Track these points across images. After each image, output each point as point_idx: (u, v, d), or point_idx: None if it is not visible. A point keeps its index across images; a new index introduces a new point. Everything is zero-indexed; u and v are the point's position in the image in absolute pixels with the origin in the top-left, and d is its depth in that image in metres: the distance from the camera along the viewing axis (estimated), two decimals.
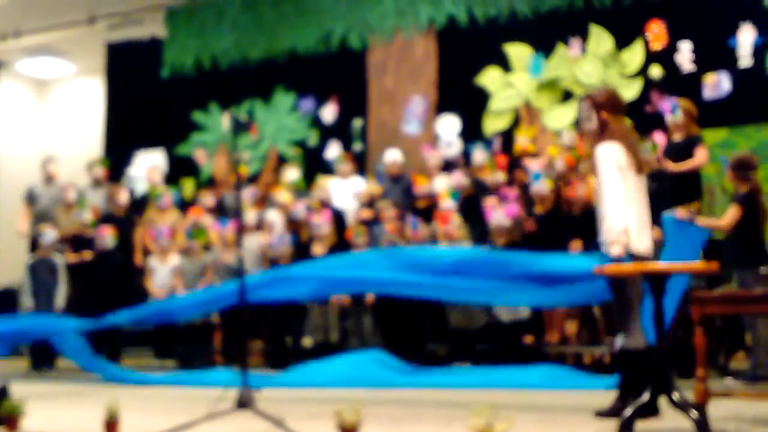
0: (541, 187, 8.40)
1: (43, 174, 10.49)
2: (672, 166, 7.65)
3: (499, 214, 8.31)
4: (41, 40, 12.90)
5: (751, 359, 6.66)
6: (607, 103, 4.86)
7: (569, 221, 8.17)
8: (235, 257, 9.01)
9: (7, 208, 12.29)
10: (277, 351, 9.06)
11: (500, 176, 8.98)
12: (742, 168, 6.71)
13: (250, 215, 9.51)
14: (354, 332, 8.77)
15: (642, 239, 4.68)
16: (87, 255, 9.77)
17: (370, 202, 9.60)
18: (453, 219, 8.59)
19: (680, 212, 5.81)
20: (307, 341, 8.84)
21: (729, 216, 6.55)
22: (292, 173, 10.41)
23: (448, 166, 9.73)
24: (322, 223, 9.13)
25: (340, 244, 9.15)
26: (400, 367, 7.46)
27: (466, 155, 9.80)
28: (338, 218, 9.55)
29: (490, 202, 8.58)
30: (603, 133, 4.80)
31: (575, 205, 8.21)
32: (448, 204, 8.83)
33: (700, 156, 7.75)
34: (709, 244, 7.77)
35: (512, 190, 8.71)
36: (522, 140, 9.55)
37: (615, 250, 4.57)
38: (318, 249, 9.07)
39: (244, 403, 4.41)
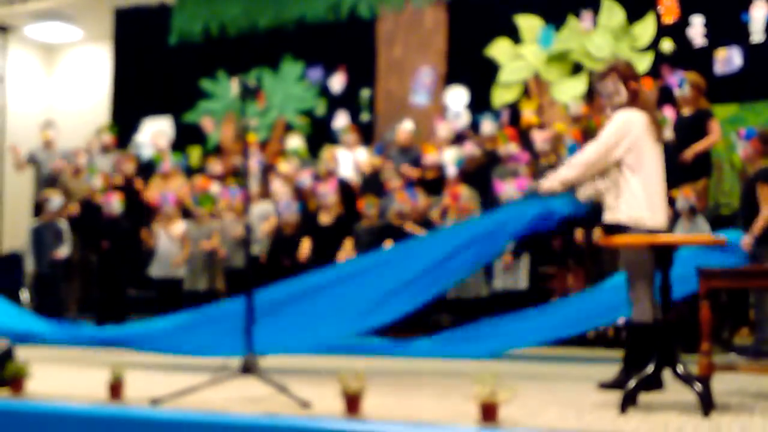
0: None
1: (42, 139, 10.52)
2: (689, 153, 7.58)
3: (509, 186, 8.29)
4: (49, 5, 12.84)
5: (755, 335, 6.65)
6: (632, 73, 4.82)
7: None
8: (242, 226, 9.02)
9: (14, 174, 12.30)
10: None
11: (513, 147, 8.94)
12: None
13: (255, 184, 9.51)
14: None
15: (655, 213, 4.66)
16: (105, 245, 9.74)
17: (374, 173, 9.59)
18: (463, 193, 8.58)
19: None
20: None
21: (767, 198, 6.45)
22: (294, 141, 10.40)
23: (457, 138, 9.70)
24: (328, 192, 9.13)
25: (348, 213, 9.15)
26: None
27: (475, 126, 9.78)
28: (346, 188, 9.54)
29: (499, 174, 8.59)
30: (633, 102, 4.75)
31: None
32: (451, 171, 8.84)
33: (715, 132, 7.71)
34: (719, 219, 7.79)
35: (524, 154, 8.69)
36: (526, 113, 9.53)
37: (545, 184, 4.83)
38: (324, 218, 9.08)
39: (248, 369, 4.42)
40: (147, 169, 10.62)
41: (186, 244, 9.41)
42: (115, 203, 9.66)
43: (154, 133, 11.05)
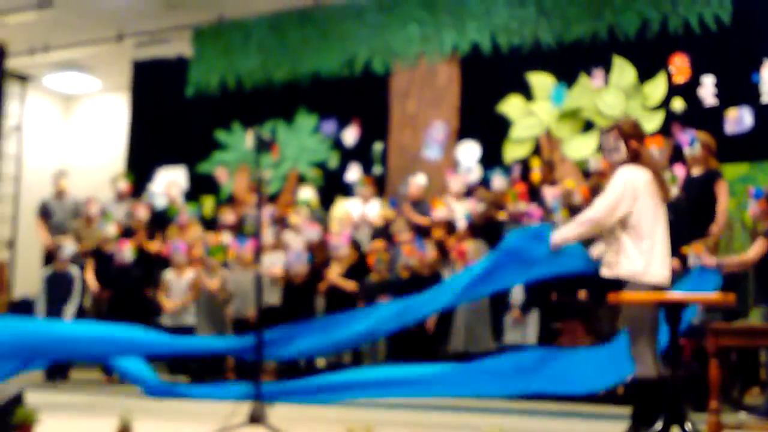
0: (558, 218, 8.45)
1: (54, 188, 10.60)
2: (717, 228, 7.62)
3: None
4: (69, 56, 13.07)
5: (766, 394, 6.60)
6: (635, 133, 4.89)
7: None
8: (253, 276, 9.05)
9: (30, 221, 12.40)
10: (289, 370, 9.06)
11: (522, 206, 9.00)
12: None
13: (268, 235, 9.55)
14: (367, 353, 8.78)
15: (659, 269, 4.69)
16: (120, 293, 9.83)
17: (385, 225, 9.65)
18: (469, 248, 8.61)
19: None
20: (321, 361, 8.85)
21: (755, 250, 6.47)
22: (306, 192, 10.46)
23: (468, 193, 9.76)
24: (341, 245, 9.17)
25: (358, 266, 9.18)
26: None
27: (486, 182, 9.84)
28: (355, 240, 9.59)
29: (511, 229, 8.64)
30: (634, 161, 4.82)
31: None
32: (461, 224, 8.94)
33: (724, 194, 7.74)
34: (726, 278, 7.77)
35: (537, 210, 8.74)
36: (534, 170, 9.64)
37: (554, 239, 4.87)
38: (336, 270, 9.11)
39: (256, 418, 4.43)
40: (161, 218, 10.69)
41: (195, 291, 9.44)
42: (126, 251, 9.71)
43: (167, 183, 11.15)
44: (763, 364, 6.94)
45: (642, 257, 4.65)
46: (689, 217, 7.55)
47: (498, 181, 9.52)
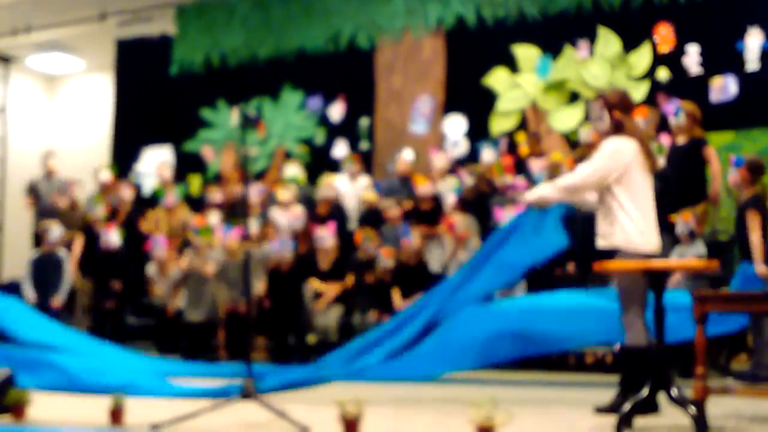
0: None
1: (43, 169, 10.56)
2: (714, 193, 7.74)
3: (509, 214, 8.35)
4: (51, 36, 12.95)
5: (752, 359, 6.68)
6: (619, 104, 4.90)
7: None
8: (240, 263, 9.02)
9: (15, 203, 12.37)
10: (280, 347, 9.09)
11: (508, 179, 9.04)
12: (756, 171, 6.75)
13: (254, 221, 9.49)
14: (357, 331, 8.80)
15: (648, 238, 4.72)
16: (117, 285, 9.79)
17: (371, 209, 9.66)
18: (458, 221, 8.63)
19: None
20: (312, 338, 8.89)
21: (755, 225, 6.55)
22: (292, 169, 10.44)
23: (453, 169, 9.76)
24: (326, 236, 9.13)
25: (344, 253, 9.24)
26: None
27: (474, 155, 9.85)
28: (342, 221, 9.62)
29: (498, 201, 8.69)
30: (618, 132, 4.84)
31: None
32: (450, 199, 8.95)
33: (715, 158, 7.81)
34: (716, 246, 7.85)
35: (523, 182, 8.77)
36: (521, 143, 9.67)
37: (529, 196, 5.01)
38: (323, 263, 9.12)
39: (247, 394, 4.45)
40: (147, 201, 10.66)
41: (179, 290, 9.37)
42: (113, 236, 9.67)
43: (159, 164, 11.10)
44: (749, 331, 7.00)
45: (635, 227, 4.68)
46: (675, 185, 7.60)
47: (487, 154, 9.51)
